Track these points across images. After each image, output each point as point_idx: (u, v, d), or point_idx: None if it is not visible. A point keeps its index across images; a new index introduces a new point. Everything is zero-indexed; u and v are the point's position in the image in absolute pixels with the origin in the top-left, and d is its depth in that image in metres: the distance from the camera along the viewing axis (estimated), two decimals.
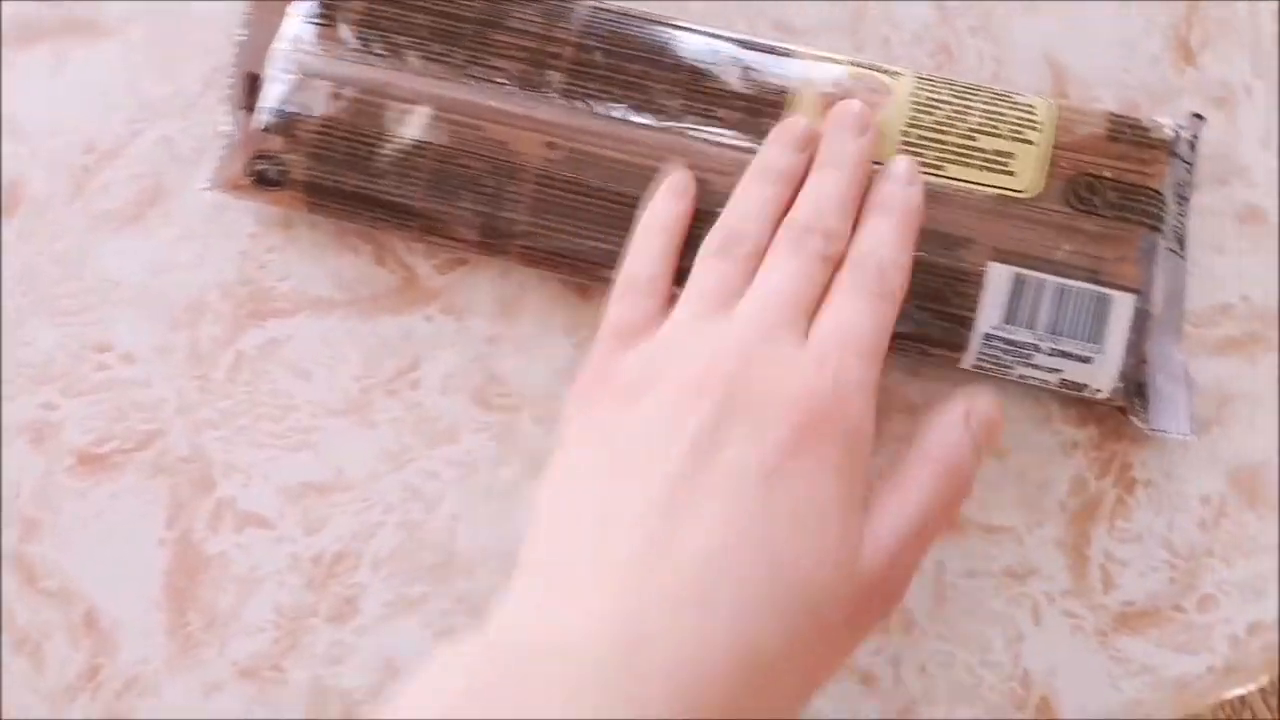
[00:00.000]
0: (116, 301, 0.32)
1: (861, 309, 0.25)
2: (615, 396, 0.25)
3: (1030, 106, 0.29)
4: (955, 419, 0.25)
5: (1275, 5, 0.32)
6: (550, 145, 0.30)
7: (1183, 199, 0.30)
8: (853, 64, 0.30)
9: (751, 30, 0.32)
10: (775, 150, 0.28)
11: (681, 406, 0.24)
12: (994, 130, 0.29)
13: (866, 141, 0.28)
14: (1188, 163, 0.30)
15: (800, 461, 0.23)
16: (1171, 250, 0.29)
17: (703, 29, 0.31)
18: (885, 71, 0.30)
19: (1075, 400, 0.30)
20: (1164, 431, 0.29)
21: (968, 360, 0.29)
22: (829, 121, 0.28)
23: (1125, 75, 0.32)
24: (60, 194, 0.33)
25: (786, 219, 0.27)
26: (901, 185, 0.27)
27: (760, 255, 0.26)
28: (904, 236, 0.27)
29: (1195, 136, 0.30)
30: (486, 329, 0.32)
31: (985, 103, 0.29)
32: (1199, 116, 0.30)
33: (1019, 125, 0.29)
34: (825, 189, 0.27)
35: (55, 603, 0.31)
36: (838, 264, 0.26)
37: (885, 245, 0.26)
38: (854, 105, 0.28)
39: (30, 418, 0.32)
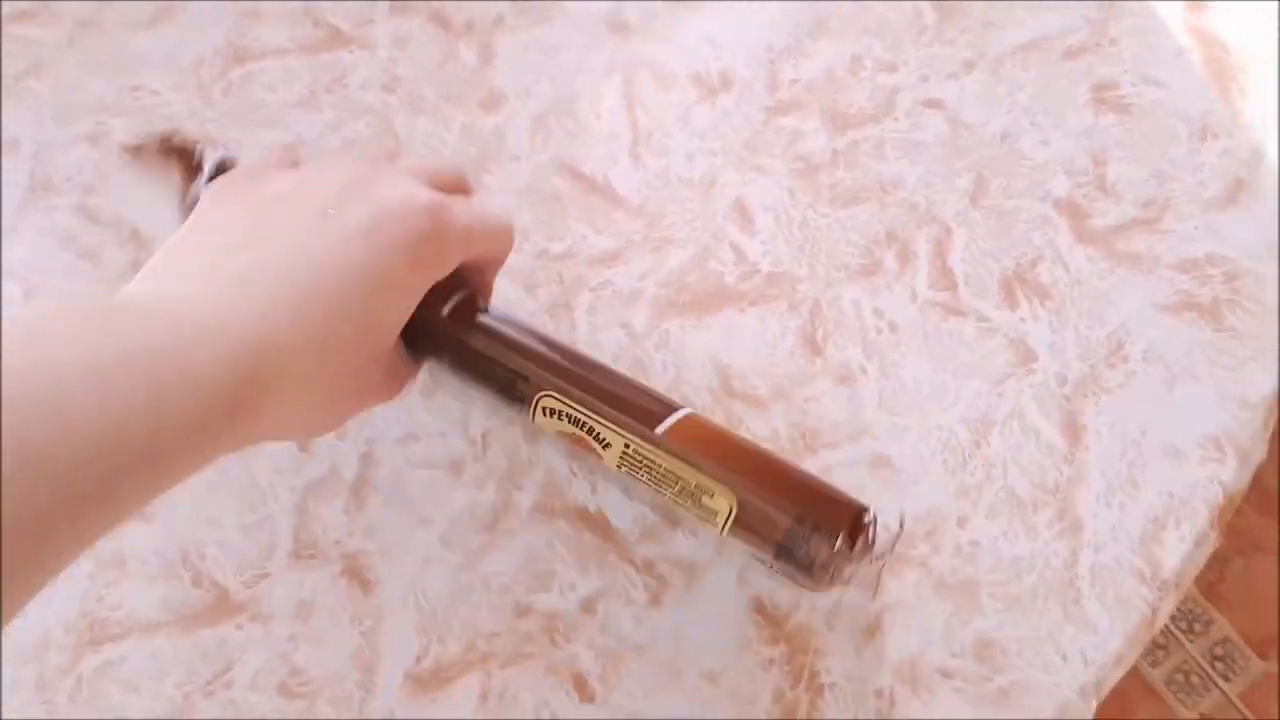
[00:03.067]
0: None
1: (481, 213, 0.34)
2: (253, 184, 0.33)
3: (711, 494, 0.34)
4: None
5: (870, 301, 0.43)
6: None
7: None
8: None
9: None
10: None
11: (312, 183, 0.32)
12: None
13: None
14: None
15: (388, 225, 0.31)
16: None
17: None
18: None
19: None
20: None
21: None
22: None
23: (772, 368, 0.42)
24: None
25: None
26: None
27: None
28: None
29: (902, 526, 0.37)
30: (287, 629, 0.39)
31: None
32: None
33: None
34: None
35: None
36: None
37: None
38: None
39: None
